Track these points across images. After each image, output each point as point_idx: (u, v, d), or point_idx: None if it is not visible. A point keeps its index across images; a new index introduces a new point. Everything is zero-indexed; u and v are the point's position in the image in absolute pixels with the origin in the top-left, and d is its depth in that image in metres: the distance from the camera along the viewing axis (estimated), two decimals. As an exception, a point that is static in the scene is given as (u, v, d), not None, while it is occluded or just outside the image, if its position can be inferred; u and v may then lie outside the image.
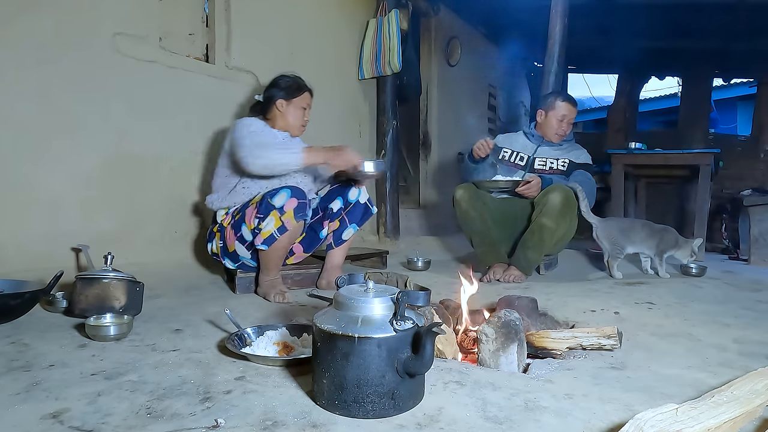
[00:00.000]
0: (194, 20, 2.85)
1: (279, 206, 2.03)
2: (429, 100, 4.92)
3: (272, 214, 2.03)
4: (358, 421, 1.00)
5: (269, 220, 2.03)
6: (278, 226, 2.04)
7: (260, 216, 2.05)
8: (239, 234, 2.15)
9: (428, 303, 1.64)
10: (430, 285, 2.40)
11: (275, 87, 2.35)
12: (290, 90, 2.33)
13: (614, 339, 1.46)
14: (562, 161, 2.86)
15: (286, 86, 2.34)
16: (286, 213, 2.03)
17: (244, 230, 2.12)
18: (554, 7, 3.59)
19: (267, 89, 2.36)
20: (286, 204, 2.03)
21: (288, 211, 2.03)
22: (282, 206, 2.03)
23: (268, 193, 2.08)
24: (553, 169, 2.85)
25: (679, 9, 4.48)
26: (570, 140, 2.95)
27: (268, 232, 2.04)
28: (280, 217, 2.03)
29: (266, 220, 2.04)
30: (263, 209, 2.05)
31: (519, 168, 2.90)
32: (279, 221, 2.04)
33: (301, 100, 2.36)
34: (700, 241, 2.81)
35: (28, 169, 2.14)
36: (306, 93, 2.37)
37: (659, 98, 9.19)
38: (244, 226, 2.12)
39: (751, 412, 0.99)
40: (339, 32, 3.72)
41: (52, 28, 2.18)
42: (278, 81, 2.37)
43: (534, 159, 2.89)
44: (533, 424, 1.01)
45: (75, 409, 1.03)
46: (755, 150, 5.93)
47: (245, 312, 1.86)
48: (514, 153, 2.94)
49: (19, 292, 1.66)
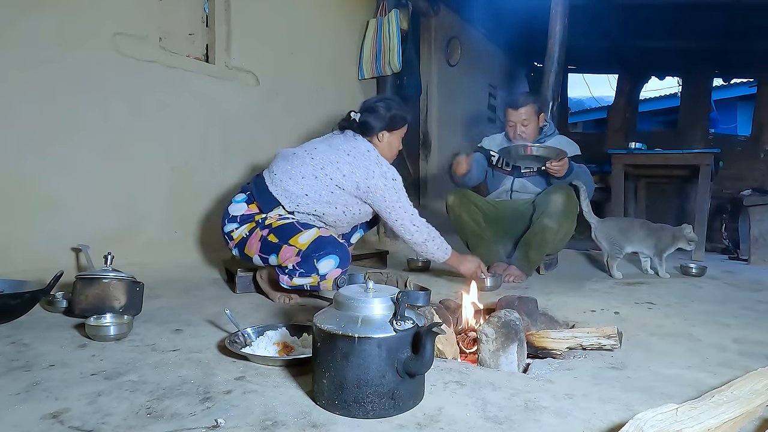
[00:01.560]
0: (194, 20, 2.85)
1: (323, 273, 1.91)
2: (429, 100, 4.91)
3: (313, 277, 1.91)
4: (358, 421, 1.00)
5: (307, 279, 1.92)
6: (313, 285, 1.94)
7: (300, 270, 1.91)
8: (266, 257, 1.97)
9: (428, 303, 1.64)
10: (430, 285, 2.40)
11: (377, 113, 2.17)
12: (395, 121, 2.21)
13: (614, 339, 1.46)
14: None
15: (391, 117, 2.19)
16: (327, 280, 1.93)
17: (272, 259, 1.96)
18: (554, 7, 3.59)
19: (366, 112, 2.18)
20: (330, 273, 1.91)
21: (329, 280, 1.93)
22: (326, 274, 1.91)
23: (315, 250, 1.89)
24: (542, 169, 2.77)
25: (679, 9, 4.48)
26: (550, 134, 2.85)
27: (298, 284, 1.94)
28: (319, 281, 1.93)
29: (304, 277, 1.92)
30: (306, 266, 1.90)
31: (506, 173, 2.87)
32: (316, 282, 1.93)
33: (401, 131, 2.27)
34: (687, 227, 2.80)
35: (28, 169, 2.14)
36: (406, 125, 2.28)
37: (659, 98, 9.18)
38: (275, 256, 1.94)
39: (751, 412, 0.99)
40: (339, 32, 3.72)
41: (53, 28, 2.18)
42: (378, 107, 2.19)
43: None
44: (533, 424, 1.01)
45: (75, 409, 1.03)
46: (755, 150, 5.93)
47: (245, 312, 1.86)
48: (501, 159, 2.89)
49: (19, 292, 1.66)
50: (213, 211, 2.79)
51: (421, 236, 2.18)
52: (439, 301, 1.88)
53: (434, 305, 1.70)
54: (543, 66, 3.69)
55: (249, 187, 2.11)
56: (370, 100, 2.26)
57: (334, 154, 2.06)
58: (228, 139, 2.91)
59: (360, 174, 2.05)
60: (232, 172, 2.93)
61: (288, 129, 3.24)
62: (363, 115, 2.18)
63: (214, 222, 2.22)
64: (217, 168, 2.87)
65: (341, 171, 2.04)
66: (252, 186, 2.10)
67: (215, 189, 2.85)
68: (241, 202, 2.08)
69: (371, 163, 2.07)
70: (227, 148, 2.91)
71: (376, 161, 2.09)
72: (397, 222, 2.14)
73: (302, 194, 2.02)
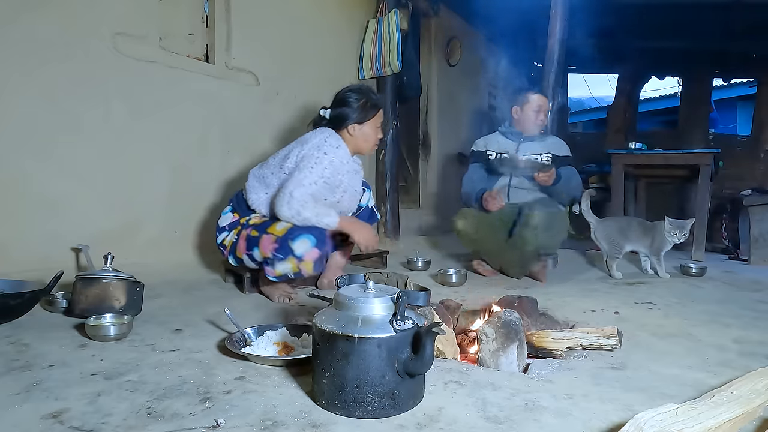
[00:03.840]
0: (194, 20, 2.85)
1: (299, 254, 1.89)
2: (429, 100, 4.91)
3: (290, 260, 1.90)
4: (358, 421, 1.00)
5: (286, 265, 1.91)
6: (295, 271, 1.93)
7: (277, 255, 1.90)
8: (251, 253, 2.00)
9: (428, 303, 1.64)
10: (429, 285, 2.40)
11: (345, 106, 2.12)
12: (363, 111, 2.12)
13: (614, 339, 1.46)
14: (546, 156, 2.84)
15: (359, 106, 2.11)
16: (304, 262, 1.91)
17: (256, 253, 1.97)
18: (554, 7, 3.59)
19: (335, 106, 2.15)
20: (307, 254, 1.90)
21: (307, 261, 1.91)
22: (302, 255, 1.89)
23: (290, 233, 1.90)
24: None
25: (679, 9, 4.48)
26: (546, 133, 2.97)
27: (281, 273, 1.94)
28: (298, 265, 1.91)
29: (284, 264, 1.90)
30: (282, 250, 1.89)
31: (506, 168, 2.90)
32: (296, 267, 1.91)
33: (375, 120, 2.17)
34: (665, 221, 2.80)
35: (28, 169, 2.14)
36: (380, 111, 2.18)
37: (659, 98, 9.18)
38: (257, 249, 1.96)
39: (751, 412, 0.99)
40: (339, 32, 3.72)
41: (53, 28, 2.18)
42: (347, 98, 2.13)
43: (518, 155, 2.87)
44: (533, 424, 1.01)
45: (75, 409, 1.03)
46: (755, 150, 5.93)
47: (245, 312, 1.86)
48: (499, 154, 2.94)
49: (19, 292, 1.66)
50: (213, 211, 2.79)
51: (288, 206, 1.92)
52: (439, 301, 1.87)
53: (434, 305, 1.70)
54: (543, 66, 3.69)
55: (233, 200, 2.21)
56: (340, 92, 2.19)
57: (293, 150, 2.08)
58: (228, 139, 2.91)
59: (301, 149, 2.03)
60: (232, 172, 2.92)
61: (288, 129, 3.24)
62: (332, 111, 2.16)
63: (214, 222, 2.22)
64: (217, 168, 2.87)
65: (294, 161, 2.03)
66: (234, 199, 2.20)
67: (215, 189, 2.85)
68: (227, 212, 2.17)
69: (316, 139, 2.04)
70: (227, 148, 2.91)
71: (323, 140, 2.04)
72: (285, 189, 1.95)
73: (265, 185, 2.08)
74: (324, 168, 2.00)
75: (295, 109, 3.33)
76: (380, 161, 3.94)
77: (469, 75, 5.40)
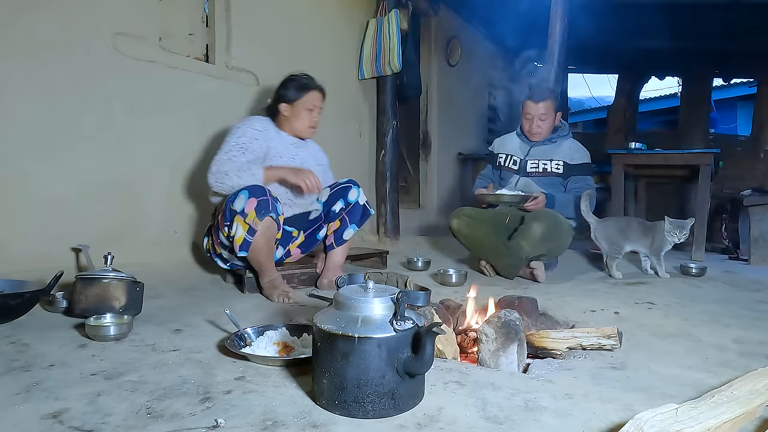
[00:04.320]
0: (194, 20, 2.85)
1: (239, 210, 1.99)
2: (429, 100, 4.92)
3: (236, 219, 2.00)
4: (358, 421, 1.00)
5: (236, 227, 2.00)
6: (246, 229, 2.00)
7: (227, 224, 2.03)
8: (219, 240, 2.15)
9: (428, 303, 1.64)
10: (430, 285, 2.40)
11: (280, 89, 2.29)
12: (293, 92, 2.26)
13: (614, 339, 1.46)
14: (556, 163, 2.81)
15: (290, 88, 2.27)
16: (248, 215, 1.98)
17: (222, 237, 2.11)
18: (554, 7, 3.59)
19: (275, 91, 2.32)
20: (246, 205, 1.98)
21: (249, 213, 1.98)
22: (243, 209, 1.98)
23: (229, 198, 2.04)
24: (547, 171, 2.81)
25: (679, 9, 4.48)
26: (564, 135, 2.87)
27: (240, 239, 2.01)
28: (245, 221, 1.99)
29: (233, 226, 2.01)
30: (228, 216, 2.02)
31: (513, 172, 2.89)
32: (245, 224, 1.99)
33: (306, 102, 2.28)
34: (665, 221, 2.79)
35: (28, 169, 2.14)
36: (312, 92, 2.29)
37: (659, 98, 9.19)
38: (219, 232, 2.11)
39: (751, 412, 0.99)
40: (339, 32, 3.72)
41: (53, 28, 2.18)
42: (283, 82, 2.30)
43: (527, 161, 2.86)
44: (533, 424, 1.01)
45: (75, 409, 1.03)
46: (755, 150, 5.93)
47: (245, 312, 1.86)
48: (508, 157, 2.93)
49: (19, 292, 1.65)
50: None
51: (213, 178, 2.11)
52: (439, 301, 1.87)
53: (434, 305, 1.70)
54: (543, 66, 3.69)
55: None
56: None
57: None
58: (228, 139, 2.91)
59: None
60: (232, 172, 2.92)
61: (288, 129, 3.24)
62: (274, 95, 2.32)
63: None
64: (217, 168, 2.87)
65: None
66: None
67: (215, 189, 2.85)
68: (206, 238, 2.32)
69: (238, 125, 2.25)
70: (227, 148, 2.91)
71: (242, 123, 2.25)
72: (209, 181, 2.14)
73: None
74: (237, 137, 2.19)
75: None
76: (380, 161, 3.94)
77: (469, 75, 5.40)
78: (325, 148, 2.62)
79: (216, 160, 2.14)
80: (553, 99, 2.79)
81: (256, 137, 2.21)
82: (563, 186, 2.81)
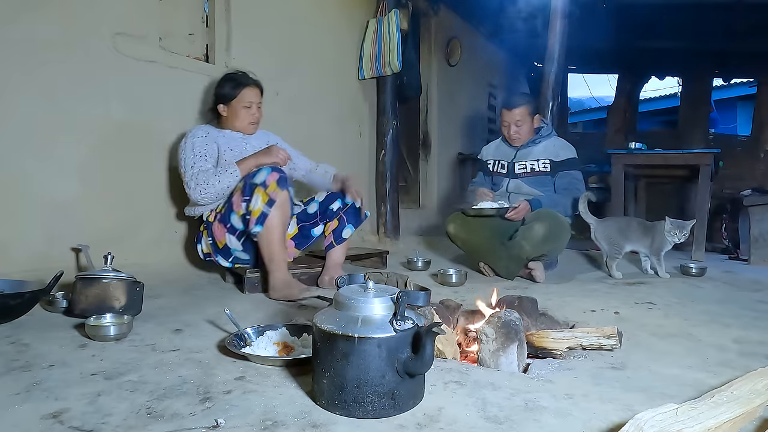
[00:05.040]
0: (194, 20, 2.85)
1: (261, 182, 2.04)
2: (429, 100, 4.92)
3: (257, 190, 2.03)
4: (358, 421, 1.00)
5: (256, 198, 2.03)
6: (266, 200, 2.03)
7: (246, 198, 2.05)
8: (229, 225, 2.15)
9: (428, 303, 1.64)
10: (430, 285, 2.40)
11: (216, 89, 2.32)
12: (227, 90, 2.28)
13: (614, 339, 1.46)
14: (543, 162, 2.83)
15: (224, 87, 2.29)
16: (269, 186, 2.04)
17: (234, 219, 2.12)
18: (554, 7, 3.59)
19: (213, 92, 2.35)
20: (268, 178, 2.04)
21: (271, 183, 2.04)
22: (264, 181, 2.04)
23: (247, 176, 2.10)
24: (535, 171, 2.83)
25: (679, 9, 4.48)
26: (547, 135, 2.89)
27: (258, 210, 2.03)
28: (266, 191, 2.03)
29: (253, 198, 2.04)
30: (247, 190, 2.06)
31: (503, 176, 2.91)
32: (266, 195, 2.03)
33: (241, 99, 2.28)
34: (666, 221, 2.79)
35: (28, 168, 2.14)
36: (246, 89, 2.28)
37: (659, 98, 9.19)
38: (233, 214, 2.12)
39: (751, 412, 0.99)
40: (339, 32, 3.72)
41: (53, 28, 2.18)
42: (219, 82, 2.32)
43: (514, 164, 2.88)
44: (533, 424, 1.01)
45: (75, 409, 1.03)
46: (755, 150, 5.93)
47: (245, 312, 1.86)
48: (496, 162, 2.97)
49: (19, 292, 1.65)
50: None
51: (197, 193, 2.15)
52: (439, 301, 1.87)
53: (434, 305, 1.70)
54: (543, 66, 3.69)
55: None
56: None
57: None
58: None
59: None
60: (232, 172, 2.92)
61: (288, 129, 3.24)
62: None
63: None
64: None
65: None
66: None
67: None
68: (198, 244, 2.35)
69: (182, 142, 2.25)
70: (227, 148, 2.91)
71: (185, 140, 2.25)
72: (191, 196, 2.19)
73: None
74: (190, 150, 2.19)
75: (295, 109, 3.33)
76: (380, 161, 3.94)
77: (469, 75, 5.40)
78: (325, 147, 2.63)
79: (188, 178, 2.17)
80: (527, 104, 2.82)
81: (205, 142, 2.23)
82: (553, 183, 2.82)
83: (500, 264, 2.71)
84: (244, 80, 2.29)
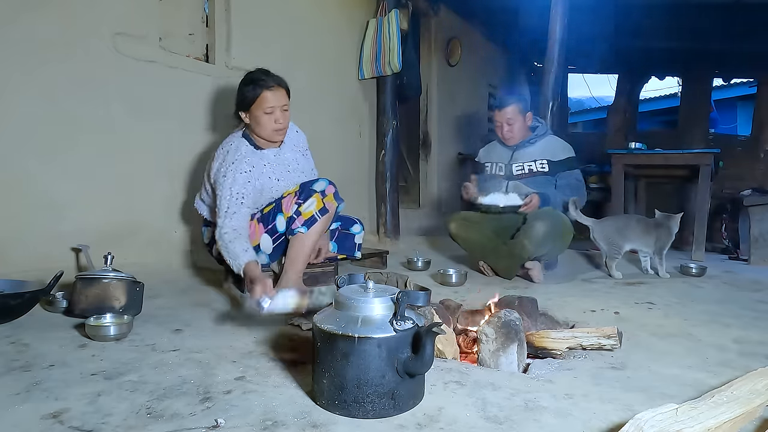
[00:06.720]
0: (194, 20, 2.85)
1: (321, 190, 2.07)
2: (429, 100, 4.91)
3: (314, 196, 2.04)
4: (358, 421, 1.00)
5: (311, 202, 2.03)
6: (320, 207, 2.05)
7: (300, 201, 2.04)
8: (272, 225, 2.08)
9: (428, 303, 1.64)
10: (430, 285, 2.40)
11: (237, 94, 2.05)
12: (245, 96, 2.01)
13: (614, 339, 1.46)
14: (540, 162, 2.83)
15: (242, 92, 2.02)
16: (327, 195, 2.07)
17: (279, 220, 2.07)
18: (554, 7, 3.59)
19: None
20: (327, 188, 2.09)
21: (329, 194, 2.08)
22: (324, 190, 2.07)
23: (306, 183, 2.12)
24: (533, 171, 2.83)
25: (679, 9, 4.48)
26: (542, 134, 2.90)
27: (309, 213, 2.03)
28: (322, 199, 2.05)
29: (308, 201, 2.03)
30: (304, 194, 2.06)
31: (501, 178, 2.91)
32: (321, 203, 2.05)
33: (260, 104, 1.98)
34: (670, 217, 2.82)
35: (28, 169, 2.14)
36: (264, 93, 1.98)
37: (659, 98, 9.17)
38: (280, 215, 2.07)
39: (751, 412, 0.99)
40: (339, 32, 3.72)
41: (53, 28, 2.18)
42: (239, 85, 2.04)
43: (512, 166, 2.89)
44: (533, 424, 1.01)
45: (75, 409, 1.03)
46: (755, 150, 5.92)
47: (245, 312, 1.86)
48: (494, 164, 2.97)
49: (19, 292, 1.65)
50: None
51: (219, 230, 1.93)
52: (439, 301, 1.87)
53: (434, 305, 1.70)
54: (543, 66, 3.68)
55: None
56: None
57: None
58: (228, 139, 2.91)
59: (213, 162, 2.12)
60: (232, 172, 2.92)
61: (288, 129, 3.24)
62: None
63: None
64: (217, 168, 2.87)
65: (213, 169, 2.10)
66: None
67: (215, 189, 2.85)
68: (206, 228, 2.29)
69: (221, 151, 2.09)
70: (227, 148, 2.91)
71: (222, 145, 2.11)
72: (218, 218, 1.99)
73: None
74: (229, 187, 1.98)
75: (295, 109, 3.32)
76: (380, 161, 3.94)
77: (469, 75, 5.40)
78: (325, 148, 2.63)
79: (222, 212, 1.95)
80: (517, 103, 2.84)
81: (247, 179, 2.02)
82: (553, 183, 2.82)
83: (501, 263, 2.71)
84: (262, 83, 1.99)
